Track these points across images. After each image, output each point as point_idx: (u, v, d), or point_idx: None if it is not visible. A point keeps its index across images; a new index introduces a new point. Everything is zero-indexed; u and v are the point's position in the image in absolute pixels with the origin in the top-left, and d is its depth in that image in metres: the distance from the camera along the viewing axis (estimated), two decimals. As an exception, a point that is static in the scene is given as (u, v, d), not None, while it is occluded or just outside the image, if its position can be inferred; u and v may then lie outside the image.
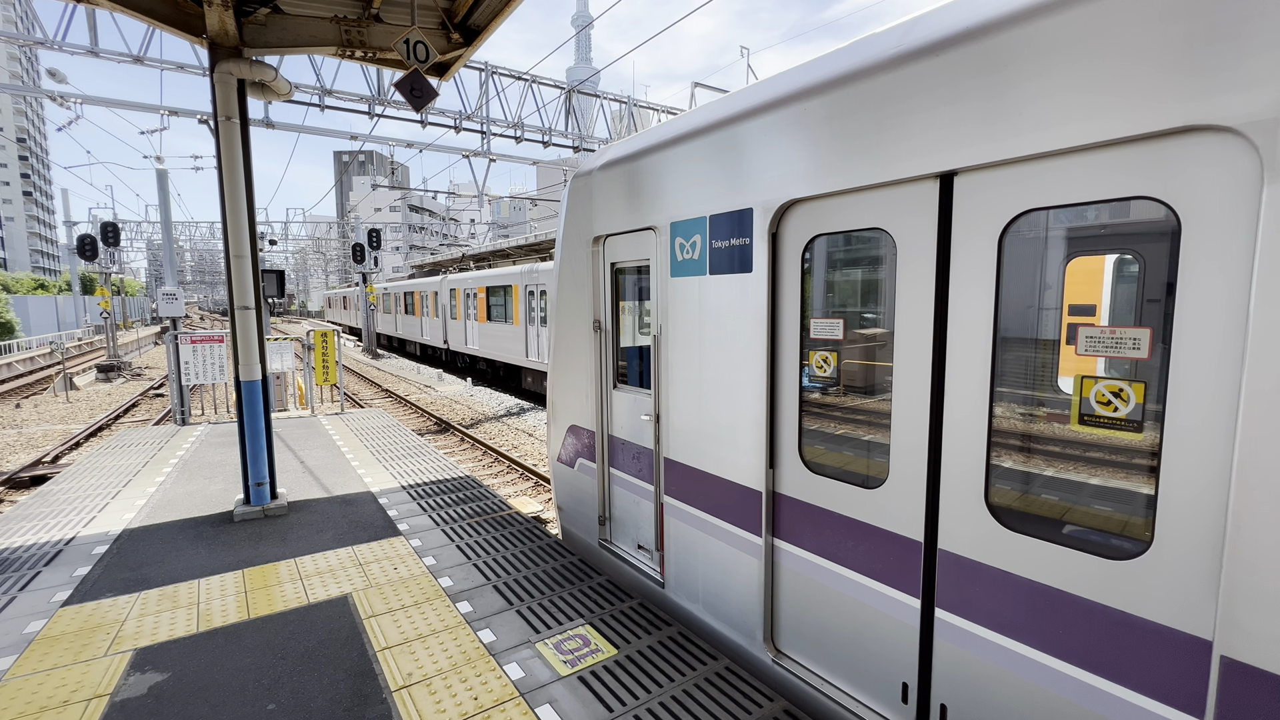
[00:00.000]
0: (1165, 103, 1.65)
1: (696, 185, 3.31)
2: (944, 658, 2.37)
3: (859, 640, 2.71)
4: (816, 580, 2.87)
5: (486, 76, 15.60)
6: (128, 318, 47.77)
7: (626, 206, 3.88)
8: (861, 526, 2.64)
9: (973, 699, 2.27)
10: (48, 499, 5.95)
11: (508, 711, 2.87)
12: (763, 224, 2.92)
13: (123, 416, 14.63)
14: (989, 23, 2.03)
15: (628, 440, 4.18)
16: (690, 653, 3.36)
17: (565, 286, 4.62)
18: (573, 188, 4.47)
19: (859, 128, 2.45)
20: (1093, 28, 1.78)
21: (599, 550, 4.56)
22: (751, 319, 3.03)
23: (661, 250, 3.60)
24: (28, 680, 3.12)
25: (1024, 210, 2.02)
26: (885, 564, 2.55)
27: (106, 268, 23.59)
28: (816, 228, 2.75)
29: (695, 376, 3.43)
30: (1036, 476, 2.19)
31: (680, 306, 3.50)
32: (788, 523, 3.00)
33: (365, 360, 27.56)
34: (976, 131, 2.06)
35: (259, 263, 5.45)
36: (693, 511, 3.53)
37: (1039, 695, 2.07)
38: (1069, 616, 1.98)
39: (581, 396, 4.54)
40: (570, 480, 4.85)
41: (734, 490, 3.22)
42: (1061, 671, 2.01)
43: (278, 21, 5.43)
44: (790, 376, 2.92)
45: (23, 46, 15.61)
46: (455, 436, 12.37)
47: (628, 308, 4.28)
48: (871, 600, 2.62)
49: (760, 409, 3.01)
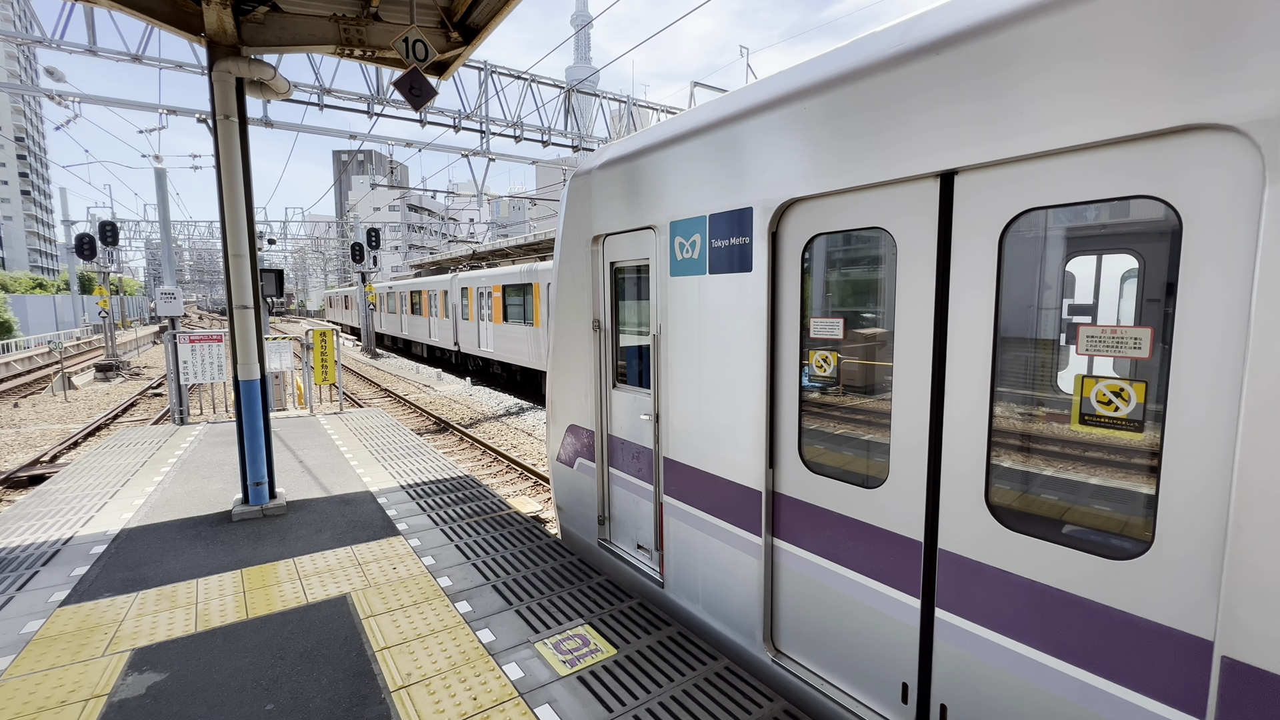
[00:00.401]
0: (1166, 102, 1.64)
1: (696, 184, 3.30)
2: (944, 658, 2.36)
3: (859, 640, 2.70)
4: (816, 580, 2.87)
5: (486, 76, 15.58)
6: (126, 317, 47.71)
7: (626, 206, 3.88)
8: (862, 526, 2.63)
9: (973, 699, 2.27)
10: (46, 499, 5.93)
11: (507, 712, 2.87)
12: (762, 223, 2.92)
13: (121, 416, 14.61)
14: (989, 22, 2.02)
15: (627, 440, 4.19)
16: (690, 653, 3.35)
17: (564, 286, 4.63)
18: (572, 187, 4.47)
19: (859, 127, 2.44)
20: (1093, 27, 1.77)
21: (598, 550, 4.57)
22: (751, 318, 3.02)
23: (661, 249, 3.60)
24: (25, 680, 3.11)
25: (1024, 210, 2.02)
26: (885, 564, 2.54)
27: (105, 267, 23.55)
28: (816, 227, 2.74)
29: (695, 376, 3.43)
30: (1037, 476, 2.17)
31: (680, 306, 3.49)
32: (787, 522, 3.00)
33: (364, 360, 27.54)
34: (977, 131, 2.06)
35: (258, 262, 5.44)
36: (692, 511, 3.53)
37: (1039, 696, 2.07)
38: (1069, 617, 1.97)
39: (581, 396, 4.55)
40: (569, 480, 4.85)
41: (734, 490, 3.22)
42: (1062, 672, 2.01)
43: (276, 20, 5.42)
44: (790, 376, 2.92)
45: (21, 45, 15.60)
46: (454, 436, 12.36)
47: (627, 307, 4.26)
48: (871, 600, 2.61)
49: (760, 408, 3.00)
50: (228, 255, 5.23)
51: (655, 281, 3.70)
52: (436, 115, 15.44)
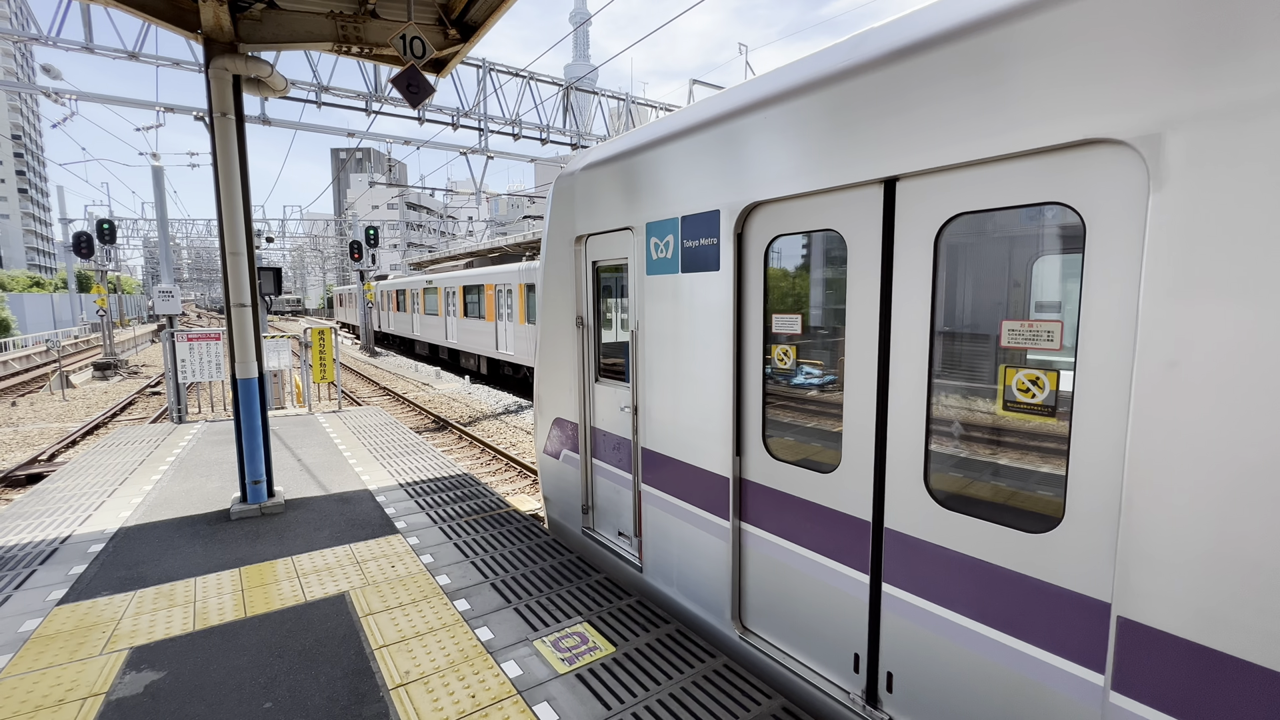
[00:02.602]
0: (1070, 118, 1.84)
1: (669, 188, 3.47)
2: (890, 629, 2.56)
3: (816, 615, 2.90)
4: (778, 560, 3.07)
5: (484, 73, 15.54)
6: (124, 315, 47.62)
7: (606, 207, 4.05)
8: (818, 509, 2.84)
9: (915, 666, 2.47)
10: (44, 497, 5.93)
11: (505, 710, 2.87)
12: (729, 225, 3.09)
13: (119, 414, 14.59)
14: (923, 41, 2.21)
15: (608, 431, 4.37)
16: (688, 650, 3.36)
17: (550, 284, 4.78)
18: (556, 189, 4.63)
19: (814, 135, 2.62)
20: (1006, 49, 1.97)
21: (582, 538, 4.73)
22: (719, 315, 3.20)
23: (638, 249, 3.77)
24: (23, 679, 3.11)
25: (956, 213, 2.21)
26: (838, 543, 2.75)
27: (103, 265, 23.50)
28: (777, 228, 2.94)
29: (669, 370, 3.62)
30: (969, 460, 2.36)
31: (655, 303, 3.68)
32: (753, 507, 3.20)
33: (363, 358, 27.52)
34: (915, 141, 2.24)
35: (255, 260, 5.43)
36: (667, 498, 3.72)
37: (971, 660, 2.27)
38: (996, 586, 2.18)
39: (566, 390, 4.71)
40: (556, 471, 5.03)
41: (704, 477, 3.42)
42: (989, 637, 2.21)
43: (273, 17, 5.40)
44: (755, 369, 3.11)
45: (17, 42, 15.58)
46: (453, 434, 12.36)
47: (608, 304, 4.44)
48: (826, 577, 2.82)
49: (727, 400, 3.19)
50: (225, 253, 5.22)
51: (633, 280, 3.86)
52: (435, 113, 15.40)
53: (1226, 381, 1.59)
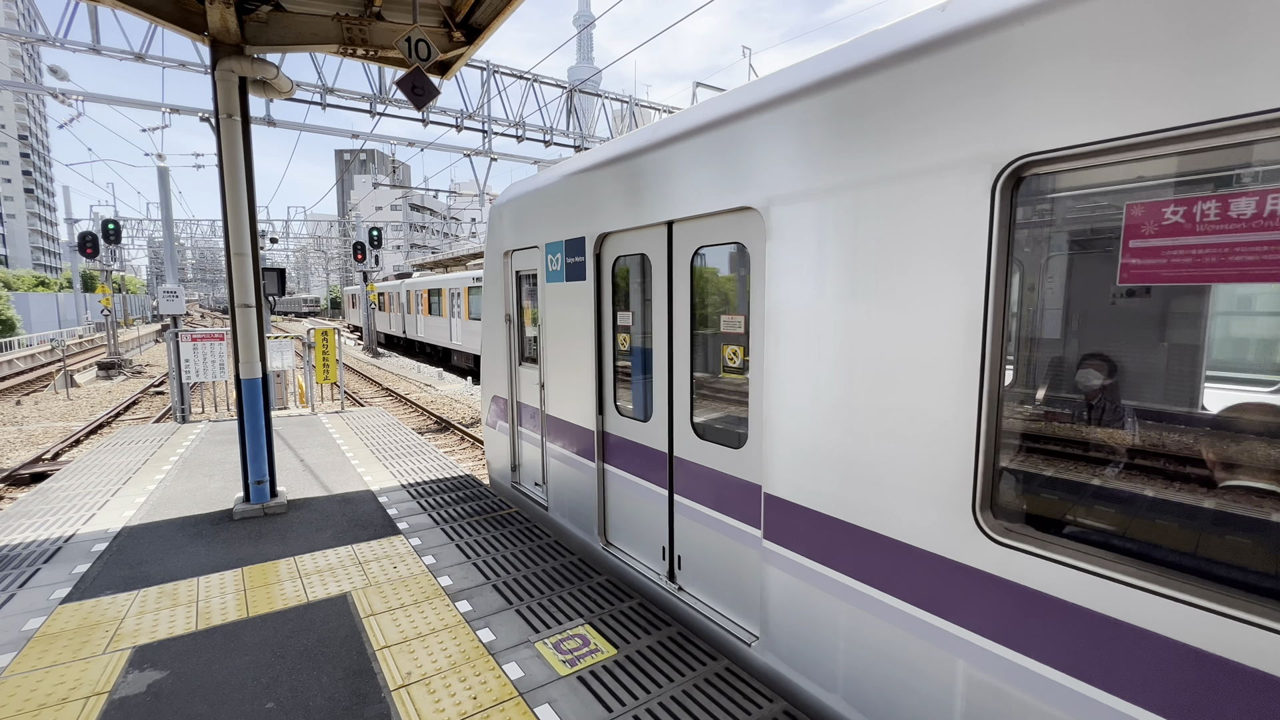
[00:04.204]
0: (739, 195, 3.00)
1: (559, 217, 4.63)
2: (678, 525, 3.76)
3: (643, 524, 4.07)
4: (623, 489, 4.23)
5: (488, 75, 15.58)
6: (129, 315, 47.81)
7: (523, 229, 5.23)
8: (640, 447, 4.02)
9: (689, 547, 3.69)
10: (47, 496, 5.95)
11: (507, 711, 2.87)
12: (591, 247, 4.24)
13: (123, 414, 14.63)
14: (678, 134, 3.39)
15: (527, 404, 5.47)
16: (690, 653, 3.36)
17: (489, 288, 5.99)
18: (491, 214, 5.92)
19: (634, 188, 3.78)
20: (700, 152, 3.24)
21: (512, 490, 5.90)
22: (588, 312, 4.33)
23: (541, 263, 4.93)
24: (26, 677, 3.12)
25: (701, 245, 3.42)
26: (651, 469, 3.93)
27: (108, 265, 23.56)
28: (617, 251, 4.11)
29: (560, 354, 4.77)
30: (711, 407, 3.58)
31: (551, 304, 4.81)
32: (611, 451, 4.34)
33: (365, 359, 27.57)
34: (680, 200, 3.42)
35: (260, 260, 5.45)
36: (561, 450, 4.88)
37: (711, 536, 3.50)
38: (719, 482, 3.40)
39: (500, 373, 5.89)
40: (493, 438, 6.24)
41: (581, 433, 4.56)
42: (717, 518, 3.44)
43: (279, 19, 5.42)
44: (609, 352, 4.28)
45: (25, 44, 15.67)
46: (455, 435, 12.37)
47: (527, 305, 5.58)
48: (647, 497, 4.00)
49: (592, 373, 4.34)
50: (230, 254, 5.24)
51: (540, 286, 4.98)
52: (439, 115, 15.44)
53: (796, 351, 2.73)
